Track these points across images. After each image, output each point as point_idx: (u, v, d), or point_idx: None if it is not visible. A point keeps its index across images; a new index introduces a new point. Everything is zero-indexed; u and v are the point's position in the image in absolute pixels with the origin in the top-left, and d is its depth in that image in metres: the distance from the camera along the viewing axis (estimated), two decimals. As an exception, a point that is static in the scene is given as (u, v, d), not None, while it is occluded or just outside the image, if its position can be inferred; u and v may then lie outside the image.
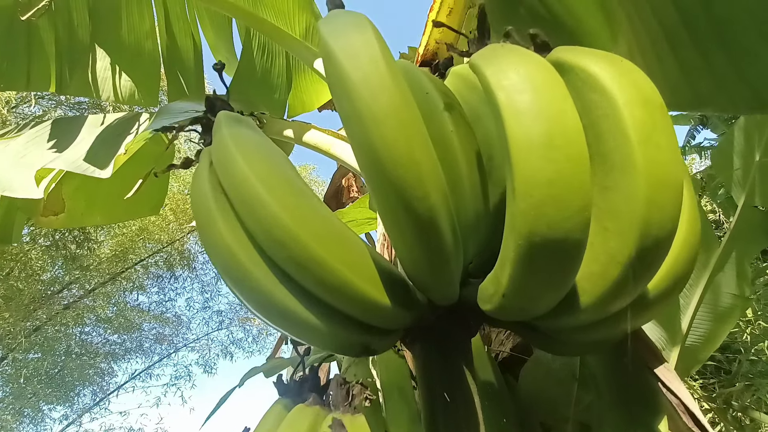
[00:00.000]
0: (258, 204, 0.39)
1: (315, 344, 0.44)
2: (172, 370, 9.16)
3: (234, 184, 0.41)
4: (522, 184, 0.33)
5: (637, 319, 0.46)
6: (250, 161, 0.42)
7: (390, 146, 0.33)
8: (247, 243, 0.41)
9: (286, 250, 0.38)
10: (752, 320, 2.39)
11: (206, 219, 0.43)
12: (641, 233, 0.35)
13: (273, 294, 0.40)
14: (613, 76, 0.37)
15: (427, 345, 0.53)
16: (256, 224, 0.40)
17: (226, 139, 0.45)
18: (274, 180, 0.41)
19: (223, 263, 0.42)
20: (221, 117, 0.49)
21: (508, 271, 0.36)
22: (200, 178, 0.45)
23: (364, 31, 0.37)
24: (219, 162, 0.44)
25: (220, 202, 0.43)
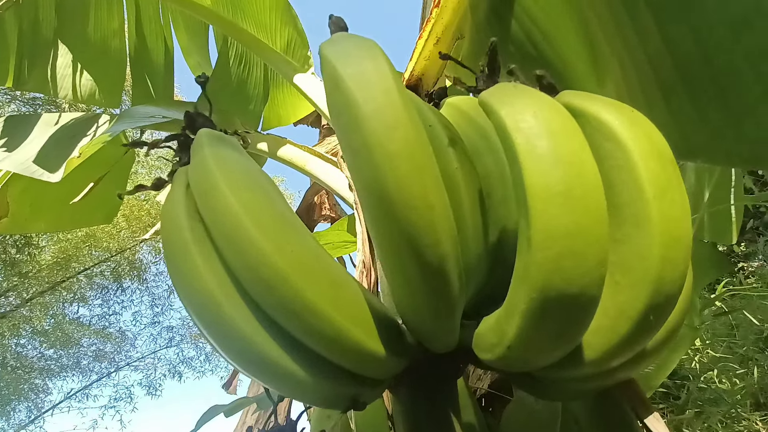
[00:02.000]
0: (243, 238, 0.35)
1: (297, 398, 0.39)
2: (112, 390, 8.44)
3: (215, 214, 0.36)
4: (539, 234, 0.31)
5: (634, 369, 0.45)
6: (235, 188, 0.37)
7: (403, 187, 0.31)
8: (226, 282, 0.36)
9: (274, 294, 0.34)
10: (700, 349, 2.53)
11: (180, 251, 0.37)
12: (654, 290, 0.34)
13: (253, 341, 0.35)
14: (626, 126, 0.36)
15: (414, 389, 0.50)
16: (239, 262, 0.35)
17: (207, 161, 0.39)
18: (263, 211, 0.36)
19: (196, 303, 0.36)
20: (203, 135, 0.44)
21: (517, 324, 0.34)
22: (174, 202, 0.40)
23: (377, 59, 0.34)
24: (198, 186, 0.39)
25: (197, 232, 0.38)
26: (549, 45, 0.81)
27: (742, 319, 2.47)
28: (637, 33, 0.57)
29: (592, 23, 0.69)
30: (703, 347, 2.41)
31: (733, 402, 2.03)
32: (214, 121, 0.48)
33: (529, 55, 0.82)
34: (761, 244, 3.14)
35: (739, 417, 1.99)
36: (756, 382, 2.06)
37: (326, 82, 0.35)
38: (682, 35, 0.52)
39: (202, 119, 0.46)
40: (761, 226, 3.29)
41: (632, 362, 0.42)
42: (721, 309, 2.51)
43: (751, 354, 2.30)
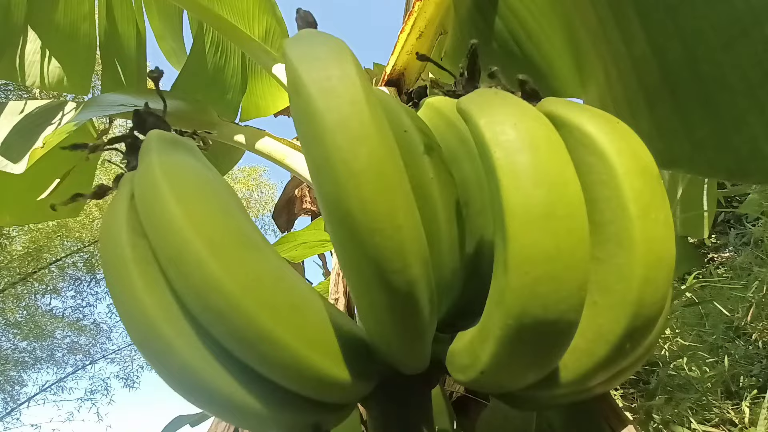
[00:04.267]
0: (189, 259, 0.31)
1: (253, 429, 0.37)
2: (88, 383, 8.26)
3: (158, 229, 0.32)
4: (517, 258, 0.29)
5: (610, 385, 0.44)
6: (183, 200, 0.33)
7: (368, 208, 0.28)
8: (171, 307, 0.33)
9: (225, 322, 0.31)
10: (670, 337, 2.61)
11: (118, 271, 0.33)
12: (634, 312, 0.32)
13: (201, 373, 0.32)
14: (611, 140, 0.34)
15: (386, 403, 0.48)
16: (186, 286, 0.31)
17: (154, 169, 0.35)
18: (216, 227, 0.32)
19: (135, 330, 0.33)
20: (152, 137, 0.39)
21: (491, 349, 0.32)
22: (115, 214, 0.36)
23: (344, 63, 0.31)
24: (142, 198, 0.34)
25: (140, 249, 0.34)
26: (533, 44, 0.79)
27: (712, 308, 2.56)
28: (623, 37, 0.55)
29: (578, 25, 0.67)
30: (672, 335, 2.49)
31: (704, 390, 2.10)
32: (189, 113, 0.43)
33: (512, 54, 0.80)
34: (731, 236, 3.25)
35: (710, 405, 2.07)
36: (726, 370, 2.14)
37: (288, 87, 0.32)
38: (669, 41, 0.50)
39: (153, 119, 0.42)
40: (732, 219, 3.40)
41: (609, 379, 0.41)
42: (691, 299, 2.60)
43: (720, 343, 2.38)
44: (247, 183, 8.20)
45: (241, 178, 8.18)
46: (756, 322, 2.31)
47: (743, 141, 0.45)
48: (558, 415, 0.59)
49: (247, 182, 8.18)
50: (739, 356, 2.33)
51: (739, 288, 2.53)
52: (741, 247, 3.10)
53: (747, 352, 2.35)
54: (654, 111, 0.52)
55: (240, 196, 4.57)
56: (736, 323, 2.45)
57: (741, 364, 2.28)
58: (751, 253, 2.64)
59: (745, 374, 2.22)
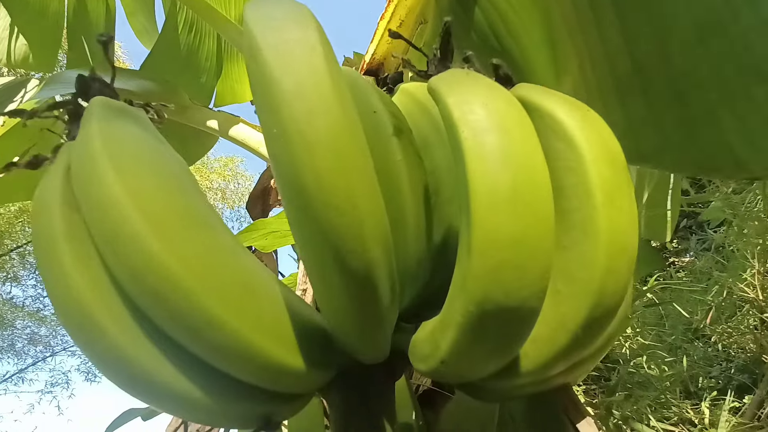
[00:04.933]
0: (125, 234, 0.28)
1: (198, 420, 0.34)
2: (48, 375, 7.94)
3: (94, 204, 0.29)
4: (480, 242, 0.28)
5: (570, 376, 0.44)
6: (123, 172, 0.30)
7: (323, 183, 0.26)
8: (105, 287, 0.30)
9: (164, 304, 0.28)
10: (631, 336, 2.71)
11: (47, 246, 0.30)
12: (595, 301, 0.32)
13: (138, 361, 0.29)
14: (581, 127, 0.34)
15: (347, 393, 0.47)
16: (121, 264, 0.29)
17: (93, 138, 0.31)
18: (159, 203, 0.29)
19: (66, 312, 0.30)
20: (95, 104, 0.35)
21: (452, 337, 0.31)
22: (49, 186, 0.32)
23: (305, 27, 0.29)
24: (78, 170, 0.31)
25: (73, 225, 0.31)
26: (512, 37, 0.78)
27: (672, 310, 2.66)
28: (599, 29, 0.55)
29: (556, 17, 0.66)
30: (633, 334, 2.58)
31: (662, 388, 2.19)
32: (158, 94, 0.40)
33: (491, 46, 0.79)
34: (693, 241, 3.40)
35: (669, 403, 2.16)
36: (685, 370, 2.23)
37: (245, 52, 0.29)
38: (643, 33, 0.50)
39: (98, 85, 0.38)
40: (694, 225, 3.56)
41: (569, 370, 0.41)
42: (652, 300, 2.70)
43: (679, 343, 2.48)
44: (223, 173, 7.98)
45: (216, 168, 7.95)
46: (715, 325, 2.42)
47: (712, 136, 0.46)
48: (519, 406, 0.59)
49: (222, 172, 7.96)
50: (697, 357, 2.43)
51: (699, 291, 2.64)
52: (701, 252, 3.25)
53: (706, 353, 2.46)
54: (625, 105, 0.52)
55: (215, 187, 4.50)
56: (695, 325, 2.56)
57: (700, 366, 2.39)
58: (711, 258, 2.77)
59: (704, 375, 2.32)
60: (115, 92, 0.39)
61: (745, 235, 2.45)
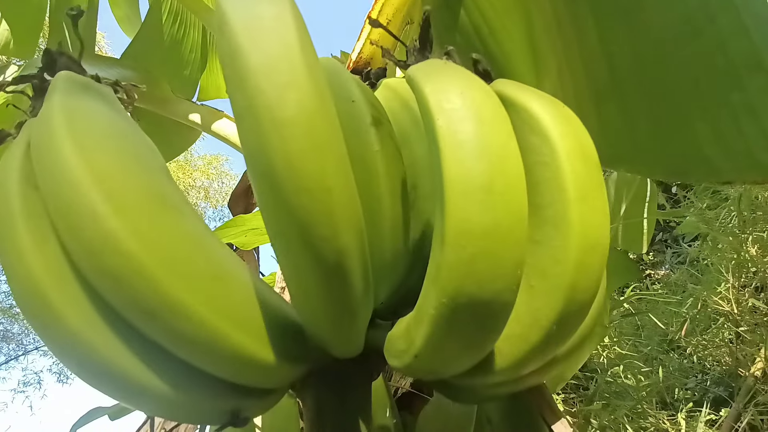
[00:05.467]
0: (83, 213, 0.26)
1: (161, 414, 0.33)
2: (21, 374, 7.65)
3: (51, 180, 0.28)
4: (454, 233, 0.27)
5: (544, 375, 0.44)
6: (83, 149, 0.28)
7: (293, 164, 0.25)
8: (62, 269, 0.28)
9: (125, 289, 0.26)
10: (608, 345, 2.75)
11: (2, 226, 0.28)
12: (567, 297, 0.31)
13: (95, 348, 0.27)
14: (556, 122, 0.33)
15: (322, 392, 0.45)
16: (78, 244, 0.27)
17: (54, 112, 0.30)
18: (121, 182, 0.28)
19: (19, 293, 0.28)
20: (59, 79, 0.34)
21: (425, 331, 0.30)
22: (7, 162, 0.31)
23: (279, 3, 0.28)
24: (37, 144, 0.30)
25: (31, 202, 0.29)
26: (494, 40, 0.79)
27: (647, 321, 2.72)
28: (577, 34, 0.56)
29: (536, 21, 0.67)
30: (611, 344, 2.62)
31: (639, 398, 2.22)
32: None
33: (474, 48, 0.80)
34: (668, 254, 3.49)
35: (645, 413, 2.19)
36: (661, 381, 2.27)
37: (215, 27, 0.28)
38: (619, 40, 0.51)
39: (65, 60, 0.36)
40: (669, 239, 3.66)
41: (543, 368, 0.40)
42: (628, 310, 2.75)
43: (655, 354, 2.53)
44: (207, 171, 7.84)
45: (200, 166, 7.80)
46: (690, 337, 2.48)
47: (685, 141, 0.46)
48: (496, 409, 0.59)
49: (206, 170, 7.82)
50: (673, 368, 2.48)
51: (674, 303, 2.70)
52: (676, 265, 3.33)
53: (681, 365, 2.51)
54: (600, 109, 0.53)
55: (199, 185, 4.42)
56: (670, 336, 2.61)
57: (675, 377, 2.43)
58: (686, 271, 2.84)
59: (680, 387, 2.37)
60: (82, 68, 0.38)
61: (719, 250, 2.52)
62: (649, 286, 3.14)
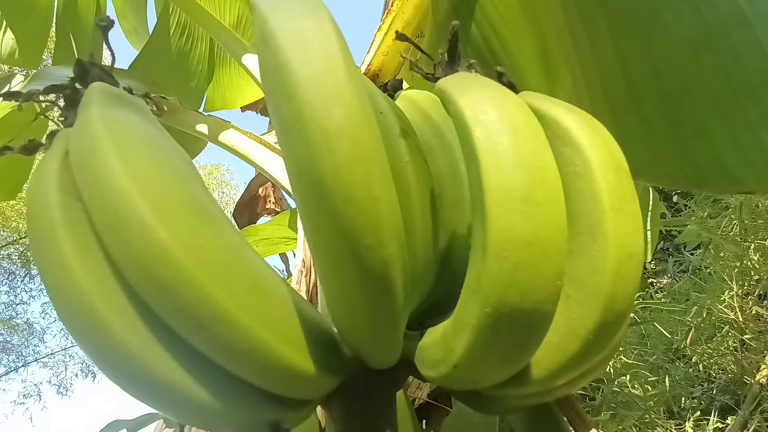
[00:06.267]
0: (132, 224, 0.26)
1: (203, 426, 0.32)
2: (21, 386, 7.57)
3: (97, 190, 0.28)
4: (496, 243, 0.28)
5: (576, 386, 0.43)
6: (128, 159, 0.28)
7: (342, 175, 0.25)
8: (107, 279, 0.28)
9: (172, 298, 0.26)
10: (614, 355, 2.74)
11: (44, 234, 0.28)
12: (606, 307, 0.32)
13: (142, 357, 0.27)
14: (587, 133, 0.34)
15: (349, 404, 0.45)
16: (126, 255, 0.27)
17: (94, 123, 0.30)
18: (166, 192, 0.28)
19: (64, 303, 0.28)
20: (95, 89, 0.34)
21: (466, 340, 0.30)
22: (45, 172, 0.31)
23: (320, 17, 0.28)
24: (78, 155, 0.30)
25: (72, 213, 0.29)
26: (505, 53, 0.80)
27: (652, 329, 2.70)
28: (592, 46, 0.56)
29: (548, 33, 0.68)
30: (616, 353, 2.61)
31: (647, 408, 2.20)
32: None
33: (485, 62, 0.81)
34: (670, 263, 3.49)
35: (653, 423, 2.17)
36: (668, 390, 2.25)
37: (256, 38, 0.29)
38: (636, 52, 0.52)
39: (97, 71, 0.37)
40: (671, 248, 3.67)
41: (575, 379, 0.40)
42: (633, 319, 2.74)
43: (660, 363, 2.52)
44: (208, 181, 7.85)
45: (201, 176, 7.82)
46: (696, 345, 2.47)
47: (705, 152, 0.47)
48: (520, 419, 0.58)
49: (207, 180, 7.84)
50: (679, 377, 2.46)
51: (678, 312, 2.69)
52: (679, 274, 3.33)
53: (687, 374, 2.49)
54: (618, 120, 0.54)
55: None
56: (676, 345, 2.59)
57: (681, 386, 2.41)
58: (689, 279, 2.83)
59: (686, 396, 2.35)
60: (114, 79, 0.38)
61: (722, 258, 2.53)
62: (653, 295, 3.13)
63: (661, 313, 2.80)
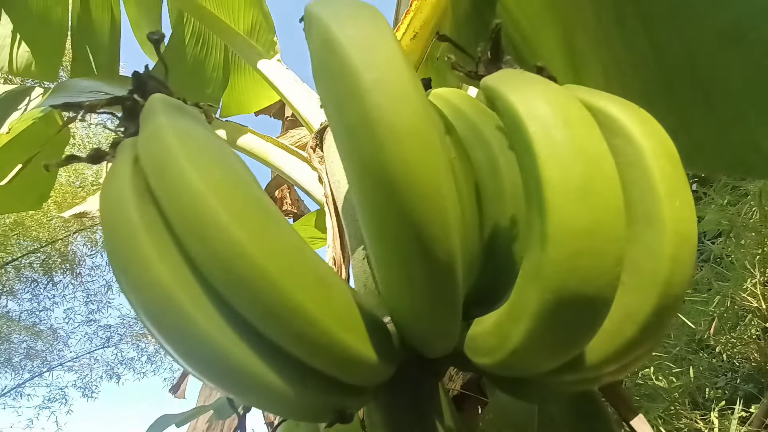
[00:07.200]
0: (211, 225, 0.28)
1: (276, 411, 0.34)
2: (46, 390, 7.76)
3: (173, 194, 0.30)
4: (556, 231, 0.28)
5: (624, 372, 0.44)
6: (200, 165, 0.30)
7: (412, 171, 0.26)
8: (186, 276, 0.30)
9: (250, 292, 0.28)
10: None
11: (125, 238, 0.30)
12: (663, 292, 0.32)
13: (222, 346, 0.29)
14: (636, 123, 0.35)
15: (396, 394, 0.46)
16: (205, 253, 0.29)
17: (165, 132, 0.32)
18: (236, 195, 0.30)
19: (150, 300, 0.30)
20: (157, 100, 0.36)
21: (525, 327, 0.31)
22: (118, 179, 0.33)
23: (377, 21, 0.30)
24: (152, 161, 0.32)
25: (148, 216, 0.31)
26: (528, 48, 0.80)
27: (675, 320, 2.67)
28: (624, 39, 0.57)
29: (575, 27, 0.69)
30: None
31: (672, 399, 2.18)
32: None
33: (508, 55, 0.82)
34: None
35: (679, 415, 2.15)
36: (692, 381, 2.23)
37: (318, 46, 0.30)
38: (670, 44, 0.52)
39: (154, 82, 0.39)
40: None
41: (624, 366, 0.41)
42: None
43: (684, 354, 2.48)
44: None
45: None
46: (719, 335, 2.43)
47: (742, 138, 0.47)
48: (559, 407, 0.59)
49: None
50: (703, 368, 2.43)
51: (700, 302, 2.65)
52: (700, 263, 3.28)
53: (711, 364, 2.45)
54: (654, 109, 0.54)
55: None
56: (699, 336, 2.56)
57: (705, 376, 2.38)
58: (711, 269, 2.79)
59: (710, 386, 2.32)
60: (169, 90, 0.40)
61: (743, 246, 2.48)
62: (673, 285, 3.08)
63: (684, 303, 2.77)
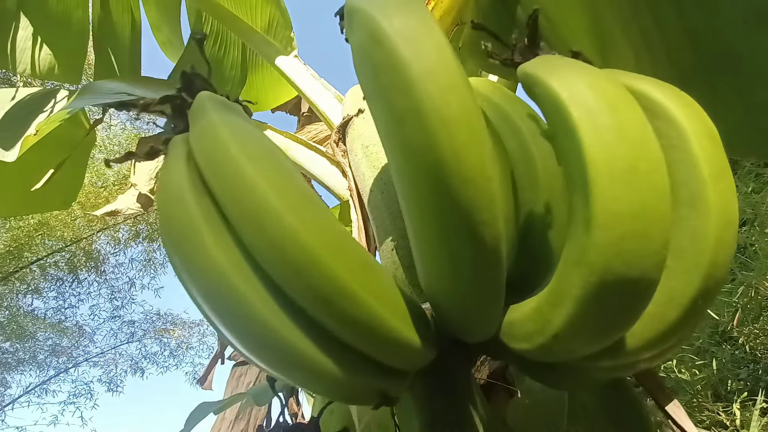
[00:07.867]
0: (265, 213, 0.30)
1: (325, 393, 0.35)
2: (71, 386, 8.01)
3: (229, 185, 0.32)
4: (602, 215, 0.29)
5: (661, 358, 0.44)
6: (252, 157, 0.32)
7: (461, 157, 0.27)
8: (242, 263, 0.31)
9: (303, 276, 0.29)
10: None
11: (186, 228, 0.32)
12: (707, 274, 0.32)
13: (276, 330, 0.30)
14: (678, 105, 0.35)
15: (432, 380, 0.47)
16: (260, 240, 0.30)
17: (217, 127, 0.34)
18: (286, 184, 0.31)
19: (209, 286, 0.31)
20: (205, 98, 0.38)
21: (568, 311, 0.32)
22: (175, 173, 0.34)
23: (422, 12, 0.30)
24: (207, 155, 0.33)
25: (205, 207, 0.32)
26: (554, 33, 0.80)
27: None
28: (657, 23, 0.56)
29: (604, 11, 0.68)
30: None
31: (694, 392, 2.15)
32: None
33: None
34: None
35: (701, 407, 2.12)
36: (715, 374, 2.19)
37: (363, 38, 0.31)
38: (703, 26, 0.51)
39: (200, 81, 0.40)
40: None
41: (663, 351, 0.41)
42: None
43: (707, 347, 2.44)
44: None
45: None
46: (742, 326, 2.38)
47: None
48: (590, 396, 0.59)
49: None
50: (725, 360, 2.39)
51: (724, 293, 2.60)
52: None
53: (733, 356, 2.41)
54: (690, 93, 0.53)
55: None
56: (722, 328, 2.51)
57: (728, 368, 2.34)
58: (734, 258, 2.73)
59: (732, 378, 2.28)
60: (214, 88, 0.41)
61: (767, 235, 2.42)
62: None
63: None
